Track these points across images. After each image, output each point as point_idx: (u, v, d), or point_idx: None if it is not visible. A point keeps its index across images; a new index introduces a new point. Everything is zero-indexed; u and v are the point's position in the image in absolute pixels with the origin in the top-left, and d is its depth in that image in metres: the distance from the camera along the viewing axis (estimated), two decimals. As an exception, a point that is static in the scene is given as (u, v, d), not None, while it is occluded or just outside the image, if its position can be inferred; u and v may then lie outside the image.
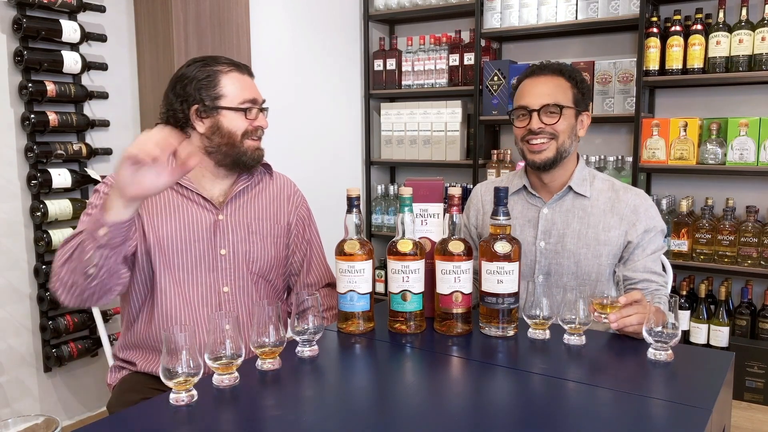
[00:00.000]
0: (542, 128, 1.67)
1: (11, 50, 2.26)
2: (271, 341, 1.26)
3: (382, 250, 3.71)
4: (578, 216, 1.73)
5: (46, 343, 2.38)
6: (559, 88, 1.69)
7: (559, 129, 1.68)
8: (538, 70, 1.73)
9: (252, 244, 1.64)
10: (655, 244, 1.70)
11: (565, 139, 1.69)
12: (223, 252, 1.60)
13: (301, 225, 1.76)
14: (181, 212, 1.58)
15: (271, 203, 1.71)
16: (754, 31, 2.69)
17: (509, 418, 1.09)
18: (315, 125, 3.46)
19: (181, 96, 1.57)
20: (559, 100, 1.68)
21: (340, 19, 3.58)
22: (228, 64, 1.60)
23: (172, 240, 1.56)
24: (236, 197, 1.65)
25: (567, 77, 1.71)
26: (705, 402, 1.11)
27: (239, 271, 1.62)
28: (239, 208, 1.65)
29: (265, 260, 1.66)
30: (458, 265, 1.43)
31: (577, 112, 1.71)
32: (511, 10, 3.23)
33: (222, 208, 1.62)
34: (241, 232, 1.63)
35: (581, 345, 1.39)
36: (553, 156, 1.69)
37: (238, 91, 1.58)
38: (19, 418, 0.88)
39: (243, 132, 1.58)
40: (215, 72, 1.57)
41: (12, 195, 2.30)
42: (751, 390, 2.74)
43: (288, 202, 1.75)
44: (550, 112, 1.67)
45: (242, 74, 1.61)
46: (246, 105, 1.58)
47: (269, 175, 1.74)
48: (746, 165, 2.74)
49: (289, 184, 1.79)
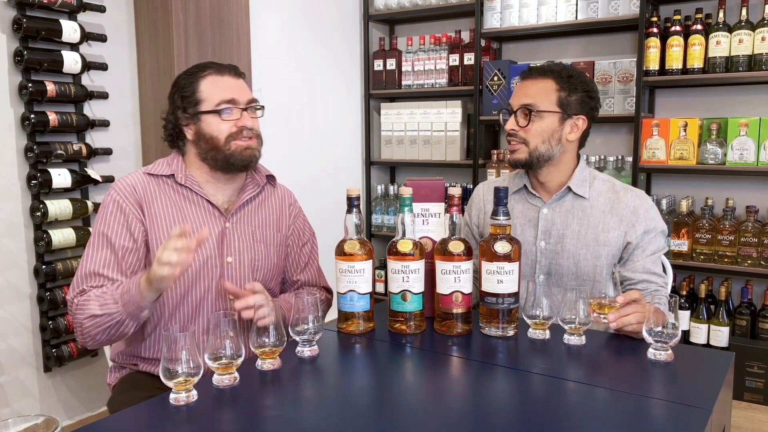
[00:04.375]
0: (515, 130, 1.69)
1: (11, 50, 2.25)
2: (271, 341, 1.26)
3: (382, 250, 3.71)
4: (578, 217, 1.73)
5: (46, 343, 2.38)
6: (541, 91, 1.68)
7: (530, 134, 1.67)
8: (528, 71, 1.73)
9: (257, 252, 1.64)
10: (655, 245, 1.70)
11: (539, 144, 1.67)
12: (230, 260, 1.60)
13: (297, 235, 1.77)
14: (189, 220, 1.57)
15: (275, 212, 1.72)
16: (754, 31, 2.69)
17: (509, 418, 1.09)
18: (315, 125, 3.46)
19: (171, 106, 1.59)
20: (536, 103, 1.67)
21: (340, 19, 3.58)
22: (208, 67, 1.58)
23: None
24: (243, 205, 1.65)
25: (556, 79, 1.68)
26: (705, 402, 1.11)
27: (245, 279, 1.61)
28: (246, 215, 1.65)
29: (269, 268, 1.67)
30: (458, 265, 1.43)
31: (565, 116, 1.68)
32: (511, 10, 3.23)
33: (229, 216, 1.62)
34: (247, 240, 1.63)
35: (581, 345, 1.39)
36: (525, 159, 1.69)
37: (215, 93, 1.54)
38: (19, 418, 0.88)
39: (227, 135, 1.54)
40: (194, 78, 1.56)
41: (12, 195, 2.30)
42: (751, 390, 2.74)
43: (288, 211, 1.76)
44: (524, 115, 1.68)
45: (221, 75, 1.57)
46: (222, 106, 1.54)
47: (272, 184, 1.75)
48: (746, 165, 2.74)
49: (289, 194, 1.80)
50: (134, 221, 1.52)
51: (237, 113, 1.56)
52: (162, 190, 1.58)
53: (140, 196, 1.55)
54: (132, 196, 1.54)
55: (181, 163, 1.61)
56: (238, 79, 1.60)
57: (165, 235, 1.54)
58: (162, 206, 1.56)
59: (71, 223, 2.42)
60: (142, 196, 1.55)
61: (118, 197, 1.54)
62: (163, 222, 1.55)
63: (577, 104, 1.69)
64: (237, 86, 1.59)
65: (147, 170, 1.60)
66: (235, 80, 1.59)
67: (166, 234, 1.54)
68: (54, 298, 2.34)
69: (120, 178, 1.59)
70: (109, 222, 1.52)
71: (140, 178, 1.58)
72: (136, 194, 1.55)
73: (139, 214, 1.53)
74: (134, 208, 1.53)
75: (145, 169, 1.61)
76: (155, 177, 1.59)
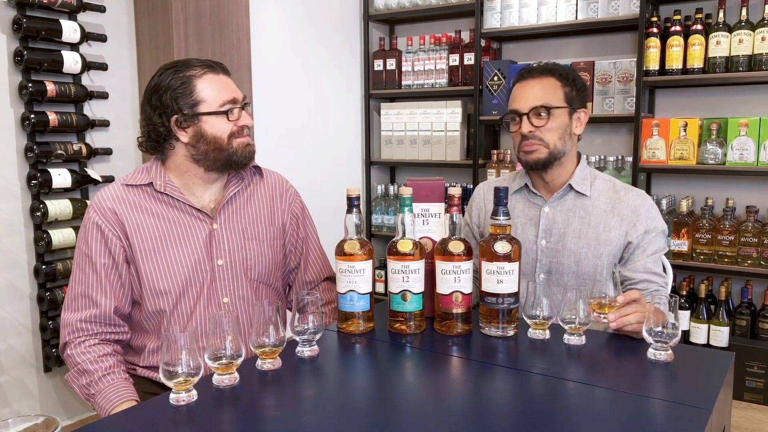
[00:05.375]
0: (532, 132, 1.68)
1: (11, 50, 2.25)
2: (271, 341, 1.26)
3: (382, 250, 3.71)
4: (579, 215, 1.73)
5: (46, 343, 2.38)
6: (548, 89, 1.69)
7: (548, 132, 1.68)
8: (527, 73, 1.73)
9: (249, 251, 1.61)
10: (655, 245, 1.70)
11: (556, 141, 1.69)
12: (220, 262, 1.57)
13: (294, 223, 1.73)
14: (175, 228, 1.55)
15: (265, 205, 1.67)
16: (754, 31, 2.69)
17: (509, 418, 1.09)
18: (315, 125, 3.46)
19: (158, 108, 1.51)
20: (548, 101, 1.67)
21: (340, 19, 3.58)
22: (201, 66, 1.53)
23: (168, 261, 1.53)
24: (228, 203, 1.61)
25: (557, 76, 1.70)
26: (705, 402, 1.11)
27: (238, 280, 1.59)
28: (233, 214, 1.61)
29: (264, 265, 1.64)
30: (458, 265, 1.43)
31: (572, 111, 1.71)
32: (511, 10, 3.23)
33: (215, 217, 1.59)
34: (237, 239, 1.60)
35: (581, 345, 1.39)
36: (545, 157, 1.69)
37: (216, 93, 1.51)
38: (19, 418, 0.88)
39: (229, 134, 1.53)
40: (189, 77, 1.50)
41: (12, 195, 2.30)
42: (751, 390, 2.74)
43: (281, 200, 1.71)
44: (538, 115, 1.67)
45: (217, 74, 1.54)
46: (227, 107, 1.52)
47: (259, 175, 1.70)
48: (746, 165, 2.74)
49: (281, 181, 1.74)
50: (113, 240, 1.52)
51: (238, 113, 1.55)
52: (143, 200, 1.55)
53: (120, 212, 1.53)
54: (112, 217, 1.52)
55: (160, 168, 1.57)
56: (229, 77, 1.58)
57: (151, 245, 1.53)
58: (144, 216, 1.54)
59: (71, 223, 2.42)
60: (122, 212, 1.53)
61: (97, 218, 1.52)
62: (148, 233, 1.53)
63: (578, 98, 1.72)
64: (232, 85, 1.57)
65: (125, 181, 1.57)
66: (228, 79, 1.57)
67: (152, 244, 1.53)
68: (54, 298, 2.34)
69: (98, 194, 1.56)
70: (90, 243, 1.52)
71: (119, 192, 1.55)
72: (116, 214, 1.52)
73: (119, 233, 1.52)
74: (113, 228, 1.52)
75: (123, 180, 1.58)
76: (134, 187, 1.56)
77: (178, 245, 1.55)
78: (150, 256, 1.53)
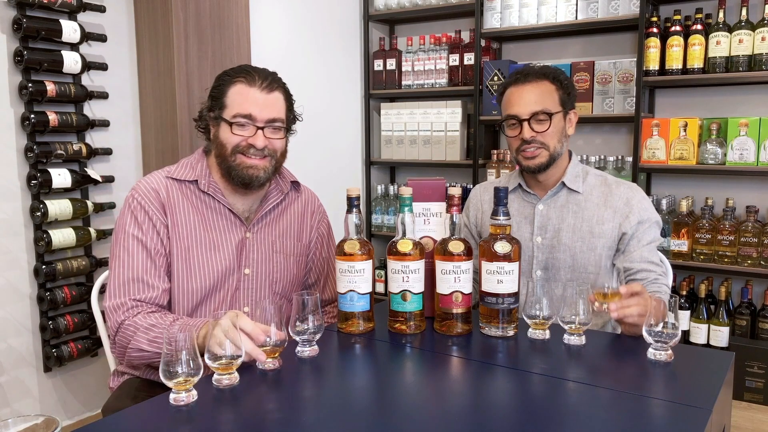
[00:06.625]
0: (534, 137, 1.70)
1: (11, 50, 2.25)
2: (272, 341, 1.26)
3: (382, 250, 3.71)
4: (573, 211, 1.76)
5: (46, 343, 2.38)
6: (545, 94, 1.71)
7: (549, 136, 1.70)
8: (522, 77, 1.74)
9: (276, 264, 1.61)
10: (650, 235, 1.73)
11: (556, 144, 1.72)
12: (247, 272, 1.57)
13: (320, 242, 1.74)
14: (212, 231, 1.54)
15: (296, 220, 1.68)
16: (754, 31, 2.69)
17: (509, 418, 1.09)
18: (315, 125, 3.45)
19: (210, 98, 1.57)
20: (547, 107, 1.70)
21: (340, 19, 3.58)
22: (242, 74, 1.52)
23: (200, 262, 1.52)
24: (265, 214, 1.62)
25: (551, 80, 1.73)
26: (705, 402, 1.11)
27: (262, 291, 1.59)
28: (266, 225, 1.62)
29: (288, 280, 1.64)
30: (458, 265, 1.43)
31: (565, 113, 1.75)
32: (511, 10, 3.23)
33: (250, 226, 1.59)
34: (266, 250, 1.60)
35: (581, 345, 1.39)
36: (547, 161, 1.73)
37: (237, 103, 1.50)
38: (19, 418, 0.88)
39: (233, 146, 1.51)
40: (226, 80, 1.53)
41: (12, 195, 2.30)
42: (751, 390, 2.74)
43: (311, 217, 1.72)
44: (539, 120, 1.69)
45: (250, 86, 1.50)
46: (237, 119, 1.50)
47: (296, 190, 1.71)
48: (746, 165, 2.74)
49: (313, 198, 1.76)
50: (160, 225, 1.50)
51: (251, 130, 1.51)
52: (185, 196, 1.55)
53: (164, 199, 1.52)
54: (156, 200, 1.51)
55: (205, 167, 1.58)
56: (270, 94, 1.52)
57: (187, 243, 1.51)
58: (184, 213, 1.53)
59: (71, 223, 2.42)
60: (165, 200, 1.52)
61: (142, 200, 1.50)
62: (185, 230, 1.52)
63: (570, 100, 1.76)
64: (262, 101, 1.51)
65: (169, 173, 1.56)
66: (263, 94, 1.51)
67: (187, 242, 1.51)
68: (54, 298, 2.34)
69: (141, 180, 1.55)
70: (140, 224, 1.48)
71: (162, 181, 1.54)
72: (160, 198, 1.51)
73: (164, 218, 1.50)
74: (158, 212, 1.50)
75: (167, 172, 1.56)
76: (177, 181, 1.55)
77: (212, 248, 1.54)
78: (184, 254, 1.51)
